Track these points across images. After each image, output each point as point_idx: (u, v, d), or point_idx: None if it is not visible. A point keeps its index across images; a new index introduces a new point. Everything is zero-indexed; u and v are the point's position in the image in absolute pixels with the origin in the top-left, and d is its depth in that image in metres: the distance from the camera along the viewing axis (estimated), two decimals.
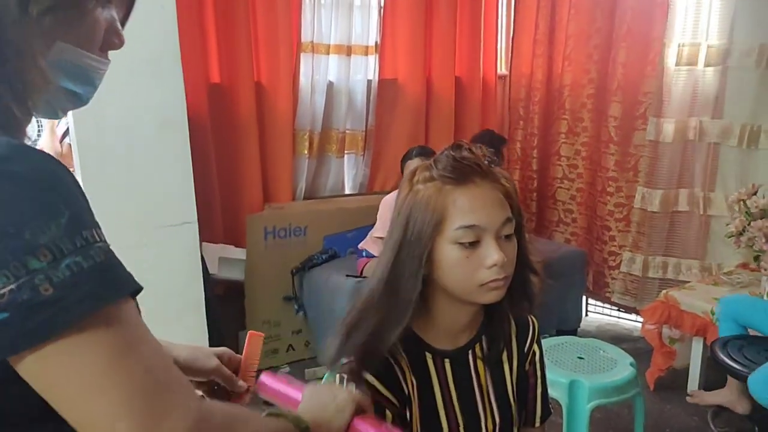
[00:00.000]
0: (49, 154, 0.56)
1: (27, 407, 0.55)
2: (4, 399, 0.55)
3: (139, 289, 0.56)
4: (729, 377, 2.44)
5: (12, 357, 0.51)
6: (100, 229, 0.55)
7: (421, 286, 0.94)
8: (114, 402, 0.51)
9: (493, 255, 0.91)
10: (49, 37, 0.62)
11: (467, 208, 0.92)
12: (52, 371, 0.51)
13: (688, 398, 2.58)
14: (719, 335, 2.38)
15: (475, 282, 0.92)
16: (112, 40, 0.70)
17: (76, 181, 0.55)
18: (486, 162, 0.96)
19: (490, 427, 1.02)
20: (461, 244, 0.92)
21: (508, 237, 0.95)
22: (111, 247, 0.55)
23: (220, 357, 0.94)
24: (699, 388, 2.73)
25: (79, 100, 0.68)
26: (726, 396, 2.48)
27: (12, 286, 0.49)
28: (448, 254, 0.93)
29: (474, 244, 0.92)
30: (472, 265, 0.92)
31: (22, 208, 0.50)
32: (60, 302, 0.49)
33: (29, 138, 0.63)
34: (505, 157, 3.31)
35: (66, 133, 3.23)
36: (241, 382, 0.95)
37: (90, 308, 0.51)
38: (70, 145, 3.15)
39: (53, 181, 0.53)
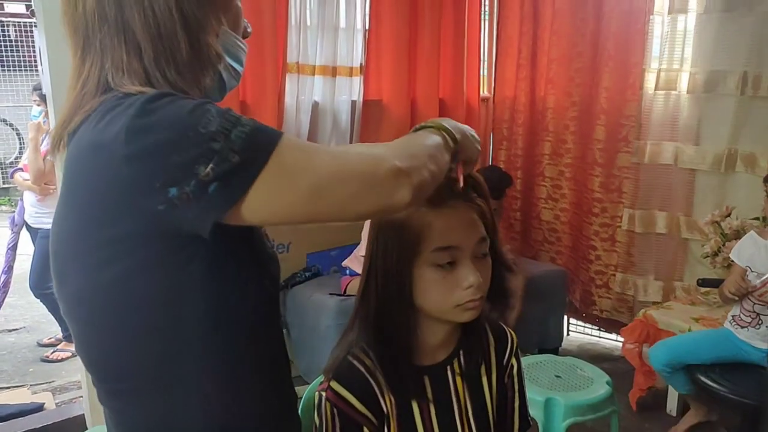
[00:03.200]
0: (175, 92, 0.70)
1: (226, 312, 0.73)
2: (194, 314, 0.71)
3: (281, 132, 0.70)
4: (690, 400, 2.52)
5: (232, 209, 0.65)
6: (231, 109, 0.68)
7: (405, 308, 0.96)
8: (319, 173, 0.67)
9: (469, 277, 0.93)
10: (216, 19, 0.77)
11: (443, 229, 0.93)
12: (269, 188, 0.65)
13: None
14: (674, 387, 2.47)
15: (451, 303, 0.94)
16: (246, 28, 0.85)
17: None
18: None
19: None
20: (438, 265, 0.93)
21: (483, 256, 0.97)
22: None
23: None
24: (678, 408, 2.75)
25: (237, 78, 0.84)
26: (696, 415, 2.52)
27: (211, 165, 0.63)
28: (425, 276, 0.94)
29: (450, 265, 0.94)
30: (448, 286, 0.94)
31: (187, 118, 0.65)
32: (249, 156, 0.65)
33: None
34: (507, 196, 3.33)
35: (49, 150, 3.24)
36: None
37: (271, 147, 0.66)
38: (53, 162, 3.17)
39: (194, 101, 0.67)
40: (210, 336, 0.74)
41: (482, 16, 3.71)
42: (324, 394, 0.97)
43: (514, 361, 1.13)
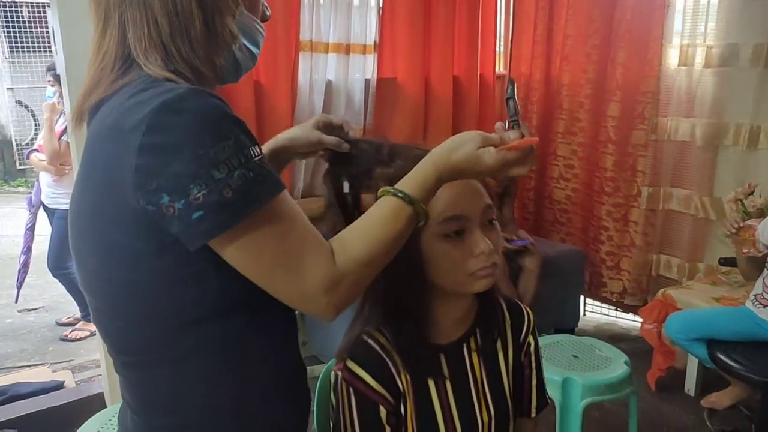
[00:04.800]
0: (214, 93, 0.71)
1: (225, 300, 0.75)
2: (203, 293, 0.74)
3: (284, 186, 0.73)
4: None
5: (211, 241, 0.69)
6: (257, 145, 0.71)
7: (418, 284, 0.95)
8: (275, 260, 0.71)
9: (480, 243, 0.92)
10: (234, 1, 0.79)
11: (449, 199, 0.92)
12: (238, 247, 0.70)
13: (702, 402, 2.58)
14: (694, 355, 2.42)
15: (464, 272, 0.93)
16: (265, 11, 0.87)
17: (233, 112, 0.71)
18: None
19: (486, 419, 1.02)
20: (447, 236, 0.92)
21: (491, 223, 0.95)
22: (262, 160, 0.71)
23: (316, 125, 1.04)
24: (696, 388, 2.73)
25: (253, 60, 0.85)
26: (737, 393, 2.48)
27: (204, 191, 0.66)
28: (435, 247, 0.93)
29: (459, 234, 0.93)
30: (459, 256, 0.93)
31: (206, 135, 0.67)
32: (238, 202, 0.67)
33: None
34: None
35: (64, 131, 3.25)
36: (346, 145, 1.02)
37: (257, 206, 0.69)
38: (68, 142, 3.17)
39: (221, 113, 0.69)
40: (217, 317, 0.76)
41: None
42: (340, 373, 0.96)
43: (531, 338, 1.12)
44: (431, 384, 0.98)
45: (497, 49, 3.72)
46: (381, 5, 3.19)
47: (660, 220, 3.21)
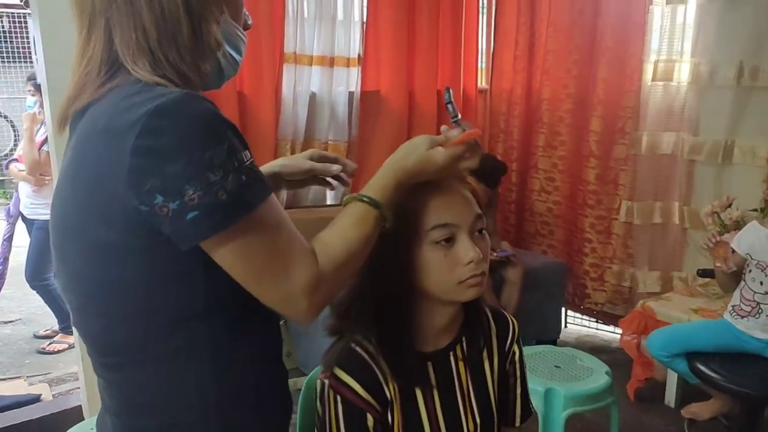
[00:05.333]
0: (208, 99, 0.73)
1: (212, 299, 0.77)
2: (188, 293, 0.75)
3: (272, 190, 0.76)
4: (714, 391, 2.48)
5: (203, 242, 0.71)
6: (248, 150, 0.74)
7: (406, 292, 0.96)
8: (263, 262, 0.74)
9: (469, 252, 0.93)
10: (218, 8, 0.81)
11: (439, 207, 0.93)
12: (229, 248, 0.72)
13: (683, 412, 2.60)
14: (676, 371, 2.45)
15: (453, 280, 0.94)
16: (246, 20, 0.88)
17: (226, 117, 0.73)
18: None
19: (471, 427, 1.02)
20: (437, 243, 0.93)
21: (480, 233, 0.96)
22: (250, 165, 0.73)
23: (310, 157, 1.11)
24: (677, 400, 2.76)
25: (235, 68, 0.87)
26: (718, 406, 2.51)
27: (199, 193, 0.68)
28: (425, 255, 0.94)
29: (449, 243, 0.93)
30: (449, 264, 0.93)
31: (202, 138, 0.69)
32: (231, 204, 0.70)
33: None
34: (502, 184, 3.34)
35: (44, 141, 3.21)
36: (336, 166, 1.12)
37: (250, 209, 0.72)
38: (48, 153, 3.14)
39: (216, 117, 0.71)
40: (202, 316, 0.77)
41: (480, 8, 3.71)
42: (327, 381, 0.96)
43: (515, 347, 1.12)
44: (418, 392, 0.98)
45: (479, 65, 3.77)
46: (365, 19, 3.22)
47: (639, 233, 3.26)
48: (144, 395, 0.80)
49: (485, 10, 3.78)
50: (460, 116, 0.94)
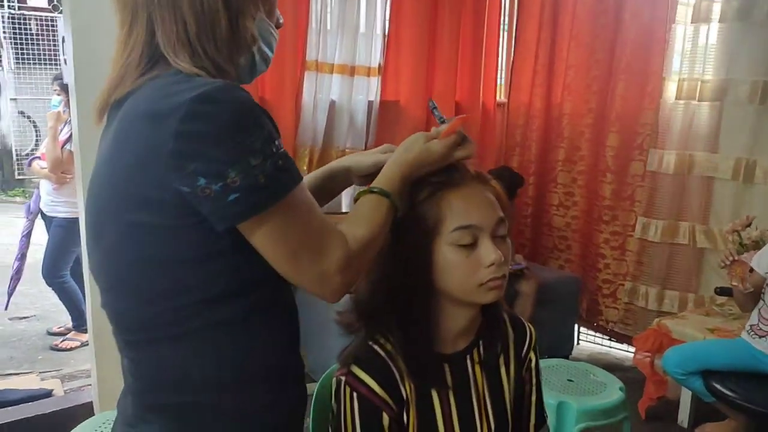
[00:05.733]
0: (243, 89, 0.77)
1: (236, 282, 0.79)
2: (216, 274, 0.78)
3: (302, 177, 0.80)
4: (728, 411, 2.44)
5: (242, 224, 0.74)
6: (280, 139, 0.78)
7: (426, 293, 0.96)
8: (299, 242, 0.78)
9: (491, 254, 0.93)
10: (255, 5, 0.85)
11: (462, 209, 0.94)
12: (266, 230, 0.76)
13: (697, 431, 2.56)
14: (691, 389, 2.41)
15: (474, 282, 0.94)
16: (279, 19, 0.92)
17: (262, 107, 0.77)
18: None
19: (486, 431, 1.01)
20: (459, 245, 0.93)
21: (502, 237, 0.96)
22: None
23: (383, 152, 1.08)
24: (689, 419, 2.71)
25: (267, 64, 0.90)
26: (733, 427, 2.47)
27: (242, 176, 0.71)
28: (447, 257, 0.94)
29: (471, 245, 0.94)
30: (470, 266, 0.93)
31: (243, 124, 0.73)
32: (270, 187, 0.74)
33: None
34: (518, 196, 3.34)
35: (67, 140, 3.26)
36: None
37: (286, 192, 0.76)
38: (71, 151, 3.19)
39: (255, 106, 0.75)
40: (226, 298, 0.80)
41: (501, 22, 3.72)
42: (344, 378, 0.96)
43: (532, 354, 1.12)
44: (434, 393, 0.98)
45: (498, 80, 3.78)
46: (387, 32, 3.25)
47: (655, 250, 3.23)
48: (165, 373, 0.82)
49: (506, 26, 3.80)
50: (445, 117, 1.02)
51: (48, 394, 2.65)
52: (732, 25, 2.89)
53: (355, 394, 0.94)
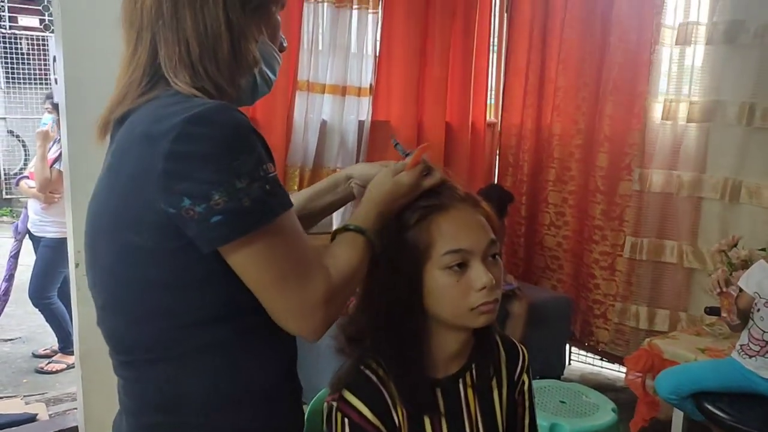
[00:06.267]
0: (239, 110, 0.77)
1: (229, 305, 0.79)
2: (208, 297, 0.78)
3: (292, 204, 0.79)
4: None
5: (224, 247, 0.74)
6: (272, 162, 0.77)
7: (418, 317, 0.95)
8: (282, 270, 0.76)
9: (482, 278, 0.92)
10: (257, 29, 0.86)
11: (453, 233, 0.93)
12: (249, 254, 0.75)
13: None
14: (684, 411, 2.40)
15: (466, 306, 0.93)
16: (282, 42, 0.93)
17: (256, 129, 0.77)
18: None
19: None
20: (450, 269, 0.93)
21: (494, 259, 0.96)
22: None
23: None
24: None
25: (269, 86, 0.92)
26: None
27: (225, 198, 0.71)
28: (438, 281, 0.93)
29: (462, 268, 0.93)
30: (462, 290, 0.93)
31: (232, 146, 0.72)
32: (254, 211, 0.73)
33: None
34: (509, 214, 3.36)
35: (56, 159, 3.25)
36: None
37: (271, 217, 0.75)
38: (60, 171, 3.17)
39: (247, 128, 0.75)
40: (219, 320, 0.79)
41: (491, 44, 3.77)
42: (335, 404, 0.94)
43: (525, 377, 1.11)
44: (426, 419, 0.97)
45: (488, 100, 3.82)
46: (378, 53, 3.28)
47: (644, 270, 3.24)
48: (159, 394, 0.81)
49: (495, 47, 3.85)
50: (407, 150, 1.06)
51: (32, 418, 2.60)
52: (718, 48, 2.93)
53: (346, 420, 0.93)
